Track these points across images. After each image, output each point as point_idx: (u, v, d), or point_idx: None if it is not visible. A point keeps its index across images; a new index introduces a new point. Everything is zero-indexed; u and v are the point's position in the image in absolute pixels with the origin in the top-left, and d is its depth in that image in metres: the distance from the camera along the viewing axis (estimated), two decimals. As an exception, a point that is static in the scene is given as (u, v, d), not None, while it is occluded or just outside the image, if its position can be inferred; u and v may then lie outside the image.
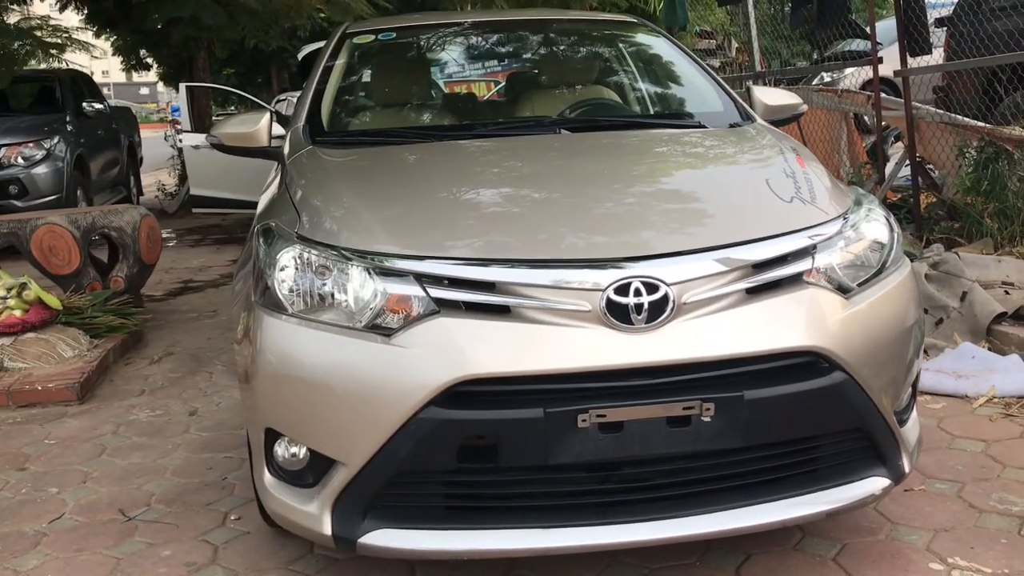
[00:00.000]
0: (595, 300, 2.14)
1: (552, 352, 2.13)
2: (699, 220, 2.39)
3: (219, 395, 4.48)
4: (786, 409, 2.20)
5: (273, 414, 2.36)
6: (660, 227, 2.34)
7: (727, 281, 2.21)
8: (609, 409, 2.12)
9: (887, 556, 2.60)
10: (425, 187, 2.64)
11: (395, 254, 2.27)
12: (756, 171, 2.70)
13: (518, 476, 2.21)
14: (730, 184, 2.65)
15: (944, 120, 5.54)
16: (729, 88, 3.51)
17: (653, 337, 2.14)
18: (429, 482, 2.23)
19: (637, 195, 2.54)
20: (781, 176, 2.62)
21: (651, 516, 2.22)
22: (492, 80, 3.78)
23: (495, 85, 3.76)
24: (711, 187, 2.63)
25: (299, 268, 2.35)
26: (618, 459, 2.18)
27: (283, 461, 2.40)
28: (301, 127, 3.26)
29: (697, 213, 2.43)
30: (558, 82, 3.73)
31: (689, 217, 2.41)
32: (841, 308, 2.29)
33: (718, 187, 2.63)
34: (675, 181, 2.68)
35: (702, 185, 2.64)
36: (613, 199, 2.50)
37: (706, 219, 2.40)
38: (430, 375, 2.12)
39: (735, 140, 3.01)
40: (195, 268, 8.49)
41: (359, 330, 2.25)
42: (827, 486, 2.32)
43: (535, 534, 2.19)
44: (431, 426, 2.13)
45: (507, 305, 2.17)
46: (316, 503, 2.29)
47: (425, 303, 2.20)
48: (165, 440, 3.88)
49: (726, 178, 2.71)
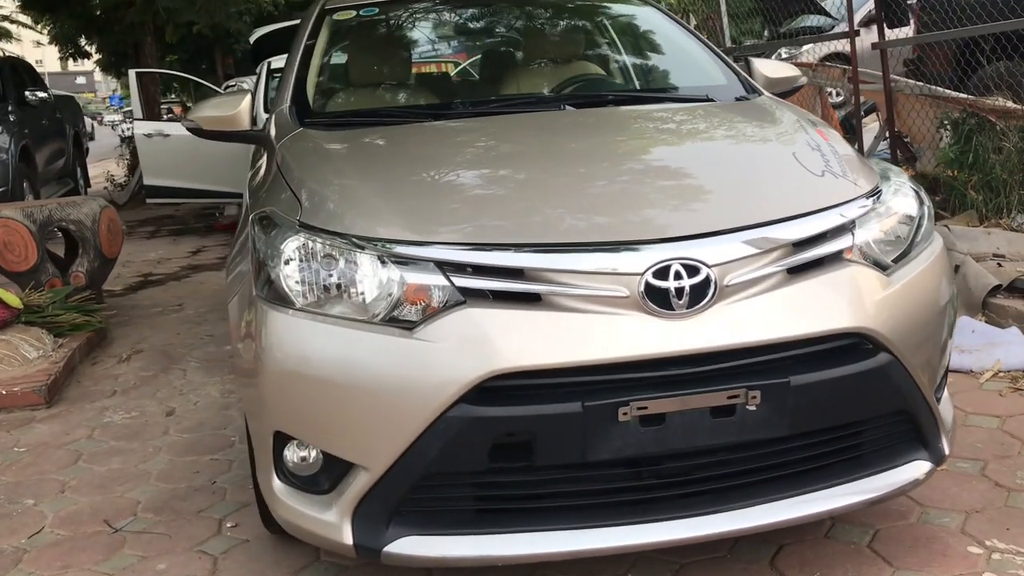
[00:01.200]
0: (633, 285, 2.00)
1: (589, 342, 1.99)
2: (734, 197, 2.26)
3: (195, 393, 4.27)
4: (832, 394, 2.09)
5: (282, 416, 2.19)
6: (695, 206, 2.21)
7: (769, 261, 2.08)
8: (651, 401, 1.98)
9: (922, 541, 2.51)
10: (436, 169, 2.47)
11: (414, 241, 2.10)
12: (782, 145, 2.57)
13: (553, 475, 2.06)
14: (759, 159, 2.52)
15: (924, 92, 5.49)
16: (730, 60, 3.39)
17: (695, 323, 2.01)
18: (457, 484, 2.08)
19: (664, 172, 2.40)
20: (807, 150, 2.50)
21: (692, 512, 2.09)
22: (481, 55, 3.60)
23: (485, 60, 3.57)
24: (740, 162, 2.50)
25: (305, 258, 2.18)
26: (659, 454, 2.05)
27: (293, 466, 2.23)
28: (287, 108, 3.07)
29: (731, 190, 2.30)
30: (552, 56, 3.57)
31: (724, 194, 2.27)
32: (883, 287, 2.18)
33: (747, 162, 2.50)
34: (702, 157, 2.55)
35: (731, 161, 2.51)
36: (640, 177, 2.36)
37: (741, 196, 2.26)
38: (459, 370, 1.97)
39: (751, 114, 2.89)
40: (153, 261, 8.21)
41: (376, 323, 2.09)
42: (870, 473, 2.22)
43: (572, 536, 2.06)
44: (461, 424, 1.98)
45: (538, 293, 2.03)
46: (334, 511, 2.13)
47: (449, 293, 2.05)
48: (144, 443, 3.67)
49: (753, 153, 2.58)
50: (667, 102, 3.00)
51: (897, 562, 2.42)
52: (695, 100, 3.03)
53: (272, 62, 9.80)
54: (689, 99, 3.03)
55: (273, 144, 2.91)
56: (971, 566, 2.38)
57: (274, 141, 2.91)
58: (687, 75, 3.27)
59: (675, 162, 2.50)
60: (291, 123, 2.95)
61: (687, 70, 3.33)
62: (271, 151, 2.94)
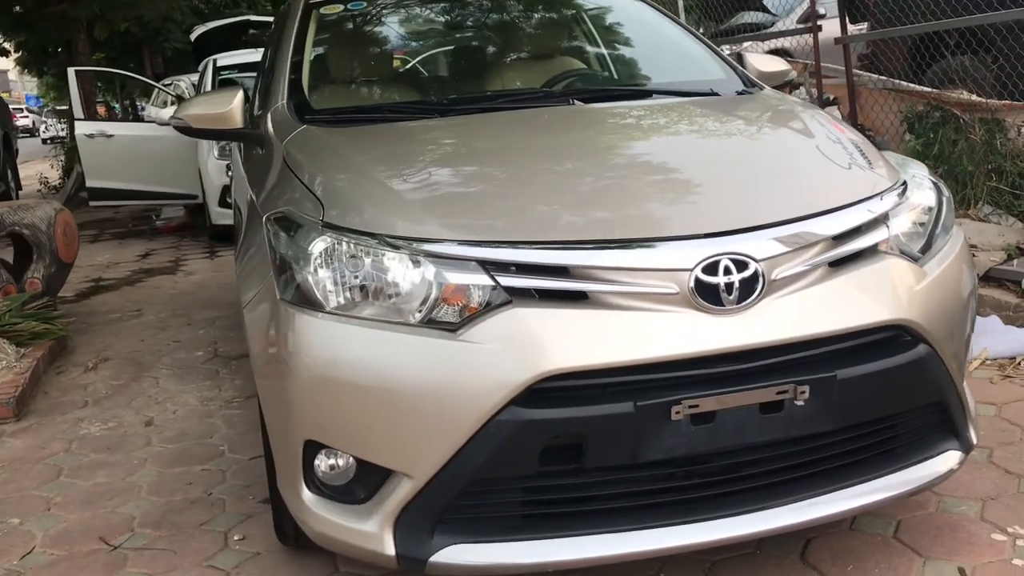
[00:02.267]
0: (682, 281, 1.97)
1: (639, 340, 1.95)
2: (773, 191, 2.24)
3: (172, 402, 4.13)
4: (875, 387, 2.08)
5: (314, 424, 2.10)
6: (736, 200, 2.18)
7: (812, 255, 2.07)
8: (702, 399, 1.95)
9: (946, 530, 2.53)
10: (464, 166, 2.41)
11: (454, 240, 2.04)
12: (805, 139, 2.56)
13: (600, 476, 2.02)
14: (788, 153, 2.50)
15: (888, 86, 5.58)
16: (724, 54, 3.39)
17: (744, 318, 1.99)
18: (504, 489, 2.02)
19: (700, 167, 2.36)
20: (830, 143, 2.49)
21: (738, 510, 2.07)
22: (478, 50, 3.52)
23: (482, 55, 3.50)
24: (771, 156, 2.48)
25: (334, 259, 2.10)
26: (708, 452, 2.02)
27: (325, 476, 2.15)
28: (284, 105, 2.96)
29: (769, 184, 2.27)
30: (550, 51, 3.53)
31: (763, 189, 2.25)
32: (918, 278, 2.19)
33: (778, 156, 2.48)
34: (732, 151, 2.52)
35: (761, 155, 2.49)
36: (677, 172, 2.32)
37: (780, 190, 2.24)
38: (510, 372, 1.91)
39: (763, 108, 2.88)
40: (101, 265, 7.95)
41: (415, 325, 2.02)
42: (906, 465, 2.23)
43: (622, 538, 2.01)
44: (512, 428, 1.92)
45: (584, 291, 1.98)
46: (373, 520, 2.05)
47: (492, 293, 1.99)
48: (127, 455, 3.53)
49: (781, 147, 2.56)
50: (674, 96, 2.97)
51: (926, 552, 2.43)
52: (700, 94, 3.01)
53: (218, 59, 9.59)
54: (694, 93, 3.01)
55: (275, 142, 2.80)
56: (999, 553, 2.40)
57: (276, 139, 2.80)
58: (686, 70, 3.25)
59: (707, 156, 2.47)
60: (292, 120, 2.85)
61: (685, 65, 3.31)
62: (271, 149, 2.83)
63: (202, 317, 5.70)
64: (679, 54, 3.39)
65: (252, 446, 3.50)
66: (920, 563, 2.39)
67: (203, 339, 5.17)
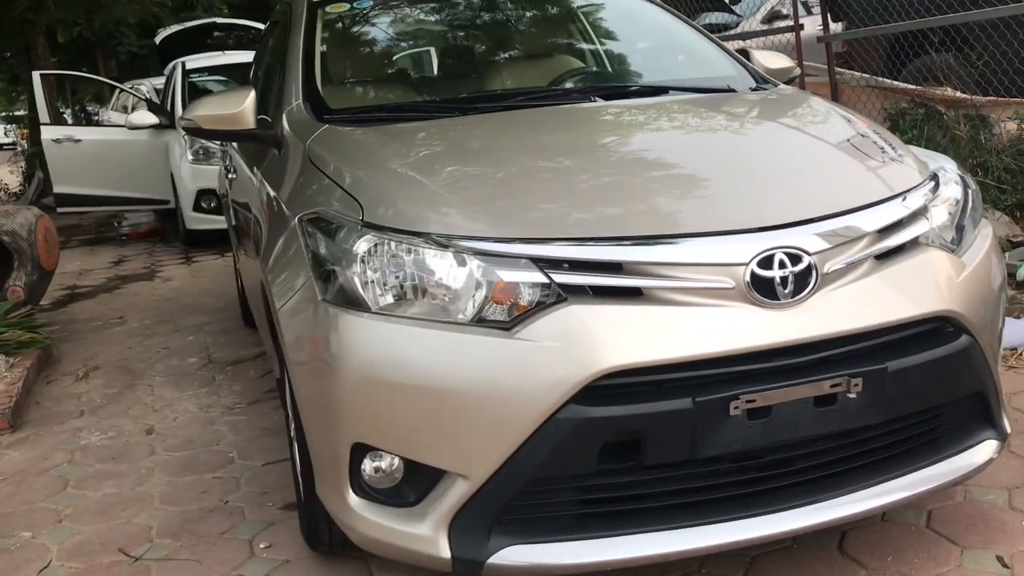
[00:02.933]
0: (738, 275, 1.97)
1: (697, 336, 1.94)
2: (818, 185, 2.24)
3: (171, 410, 4.05)
4: (922, 379, 2.10)
5: (363, 426, 2.07)
6: (784, 194, 2.18)
7: (860, 248, 2.08)
8: (759, 393, 1.95)
9: (978, 519, 2.56)
10: (505, 163, 2.38)
11: (505, 238, 2.01)
12: (837, 134, 2.58)
13: (657, 474, 2.01)
14: (823, 148, 2.51)
15: (871, 84, 5.65)
16: (731, 50, 3.40)
17: (799, 312, 1.99)
18: (561, 488, 2.00)
19: (739, 162, 2.36)
20: (861, 138, 2.51)
21: (793, 504, 2.07)
22: (490, 47, 3.50)
23: (497, 52, 3.47)
24: (807, 151, 2.49)
25: (380, 259, 2.07)
26: (765, 447, 2.02)
27: (372, 479, 2.11)
28: (300, 106, 2.92)
29: (812, 178, 2.28)
30: (564, 48, 3.52)
31: (807, 182, 2.26)
32: (958, 270, 2.21)
33: (814, 151, 2.49)
34: (767, 146, 2.52)
35: (797, 150, 2.49)
36: (718, 167, 2.32)
37: (824, 184, 2.25)
38: (568, 370, 1.90)
39: (783, 104, 2.89)
40: (74, 272, 7.78)
41: (466, 324, 1.99)
42: (948, 455, 2.25)
43: (681, 535, 2.01)
44: (571, 426, 1.90)
45: (639, 287, 1.97)
46: (427, 523, 2.02)
47: (546, 290, 1.97)
48: (134, 465, 3.45)
49: (814, 142, 2.57)
50: (693, 93, 2.97)
51: (962, 541, 2.45)
52: (717, 90, 3.02)
53: (187, 62, 9.45)
54: (712, 89, 3.01)
55: (295, 143, 2.76)
56: (1032, 541, 2.44)
57: (296, 139, 2.76)
58: (699, 67, 3.26)
59: (748, 152, 2.47)
60: (311, 120, 2.81)
61: (697, 62, 3.31)
62: (290, 150, 2.79)
63: (189, 323, 5.60)
64: (690, 51, 3.40)
65: (262, 452, 3.45)
66: (958, 552, 2.41)
67: (194, 345, 5.08)
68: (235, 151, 4.10)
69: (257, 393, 4.16)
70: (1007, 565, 2.34)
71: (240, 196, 3.66)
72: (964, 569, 2.34)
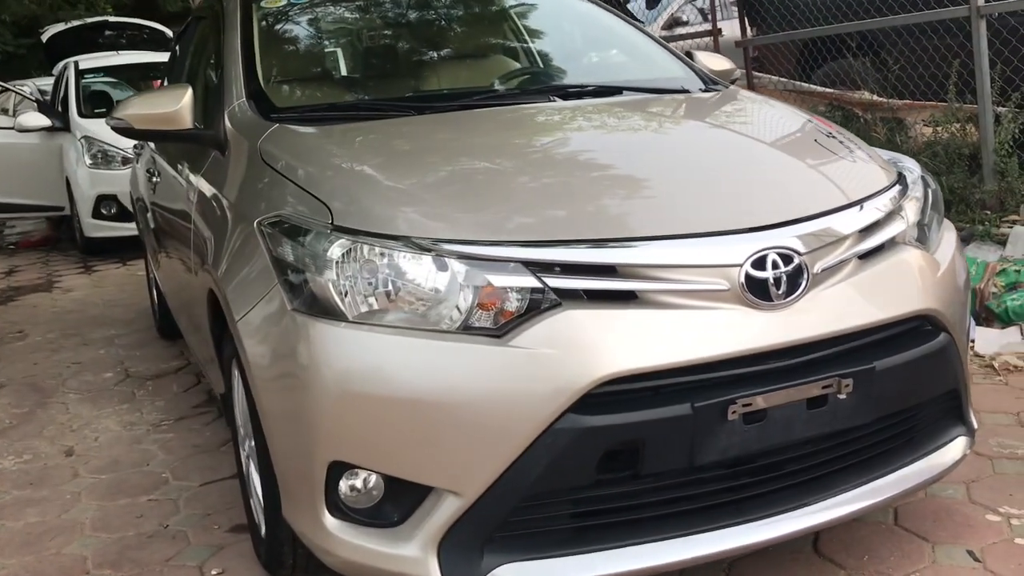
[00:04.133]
0: (732, 276, 1.92)
1: (695, 339, 1.89)
2: (799, 185, 2.22)
3: (90, 429, 3.80)
4: (906, 377, 2.10)
5: (341, 443, 1.94)
6: (770, 194, 2.15)
7: (846, 248, 2.07)
8: (756, 396, 1.91)
9: (943, 514, 2.59)
10: (475, 164, 2.28)
11: (493, 241, 1.92)
12: (802, 134, 2.57)
13: (655, 483, 1.95)
14: (795, 149, 2.49)
15: (789, 88, 5.75)
16: (678, 52, 3.39)
17: (792, 313, 1.96)
18: (556, 502, 1.92)
19: (718, 162, 2.32)
20: (827, 139, 2.51)
21: (787, 507, 2.05)
22: (430, 44, 3.39)
23: (434, 49, 3.37)
24: (780, 152, 2.46)
25: (355, 264, 1.95)
26: (760, 451, 1.98)
27: (349, 498, 1.99)
28: (243, 104, 2.76)
29: (791, 179, 2.26)
30: (503, 48, 3.43)
31: (788, 183, 2.23)
32: (933, 268, 2.22)
33: (786, 152, 2.47)
34: (741, 147, 2.48)
35: (770, 150, 2.47)
36: (700, 167, 2.27)
37: (805, 184, 2.23)
38: (566, 377, 1.82)
39: (743, 105, 2.88)
40: (-38, 285, 7.30)
41: (454, 332, 1.90)
42: (926, 452, 2.26)
43: (678, 544, 1.95)
44: (570, 437, 1.82)
45: (632, 290, 1.90)
46: (414, 544, 1.91)
47: (538, 295, 1.88)
48: (55, 490, 3.22)
49: (785, 143, 2.54)
50: (647, 93, 2.93)
51: (932, 537, 2.47)
52: (671, 91, 2.99)
53: (79, 62, 9.00)
54: (666, 90, 2.98)
55: (240, 143, 2.60)
56: (999, 534, 2.47)
57: (242, 140, 2.60)
58: (651, 67, 3.22)
59: (726, 151, 2.43)
60: (258, 119, 2.65)
61: (644, 63, 3.28)
62: (236, 151, 2.63)
63: (98, 336, 5.30)
64: (639, 53, 3.36)
65: (198, 471, 3.26)
66: (929, 548, 2.43)
67: (107, 359, 4.80)
68: (156, 153, 3.88)
69: (183, 409, 3.94)
70: (978, 559, 2.37)
71: (168, 201, 3.45)
72: (939, 565, 2.36)
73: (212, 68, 3.16)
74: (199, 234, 2.73)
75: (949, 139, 4.93)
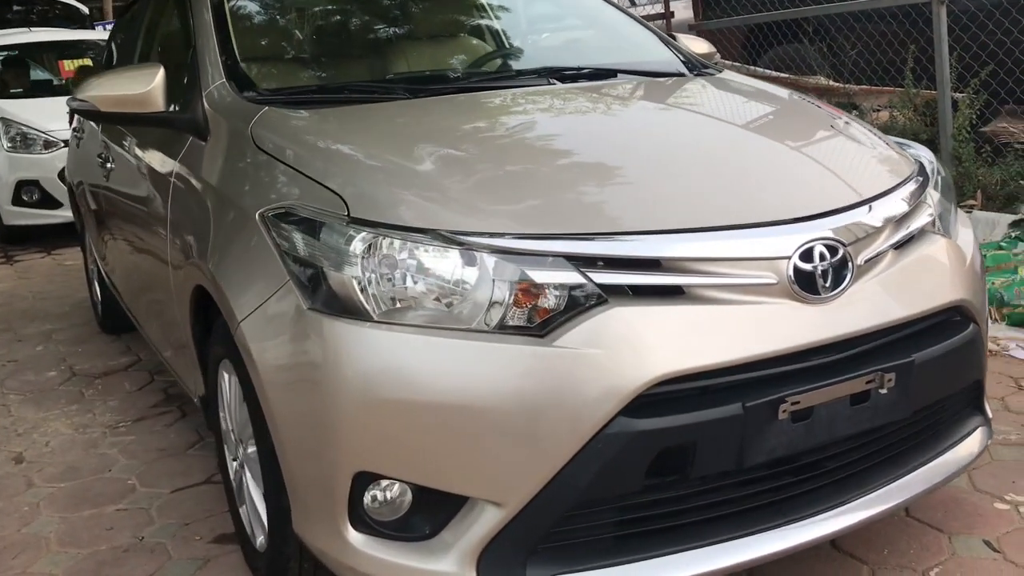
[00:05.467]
0: (781, 269, 1.84)
1: (745, 336, 1.80)
2: (833, 174, 2.14)
3: (38, 432, 3.56)
4: (941, 370, 2.05)
5: (369, 453, 1.80)
6: (809, 183, 2.07)
7: (885, 238, 2.01)
8: (804, 394, 1.84)
9: (952, 504, 2.57)
10: (501, 151, 2.15)
11: (533, 234, 1.80)
12: (822, 122, 2.50)
13: (700, 487, 1.86)
14: (819, 136, 2.41)
15: (747, 72, 5.74)
16: (665, 35, 3.30)
17: (839, 307, 1.89)
18: (602, 510, 1.82)
19: (748, 150, 2.23)
20: (845, 126, 2.45)
21: (827, 506, 1.98)
22: (412, 23, 3.22)
23: (417, 28, 3.21)
24: (806, 140, 2.38)
25: (380, 259, 1.81)
26: (804, 450, 1.91)
27: (374, 510, 1.85)
28: (223, 86, 2.56)
29: (825, 167, 2.18)
30: (488, 28, 3.29)
31: (823, 172, 2.15)
32: (961, 258, 2.18)
33: (812, 140, 2.39)
34: (767, 134, 2.40)
35: (797, 138, 2.37)
36: (729, 155, 2.17)
37: (839, 173, 2.15)
38: (618, 379, 1.71)
39: (749, 90, 2.80)
40: None
41: (490, 332, 1.77)
42: (952, 444, 2.22)
43: (722, 550, 1.86)
44: (622, 441, 1.72)
45: (679, 285, 1.81)
46: (451, 558, 1.79)
47: (582, 291, 1.77)
48: (11, 501, 2.99)
49: (808, 130, 2.46)
50: (646, 76, 2.84)
51: (946, 528, 2.45)
52: (668, 75, 2.90)
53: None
54: (663, 74, 2.89)
55: (227, 128, 2.42)
56: (1011, 522, 2.46)
57: (229, 124, 2.42)
58: (641, 51, 3.12)
59: (752, 139, 2.35)
60: (243, 102, 2.47)
61: (632, 46, 3.18)
62: (219, 136, 2.45)
63: (32, 331, 4.99)
64: (625, 35, 3.26)
65: (167, 477, 3.07)
66: (946, 539, 2.40)
67: (47, 356, 4.51)
68: (107, 137, 3.62)
69: (140, 409, 3.72)
70: (997, 549, 2.35)
71: (129, 188, 3.22)
72: (959, 557, 2.33)
73: (172, 48, 2.94)
74: (179, 226, 2.54)
75: (905, 124, 4.98)
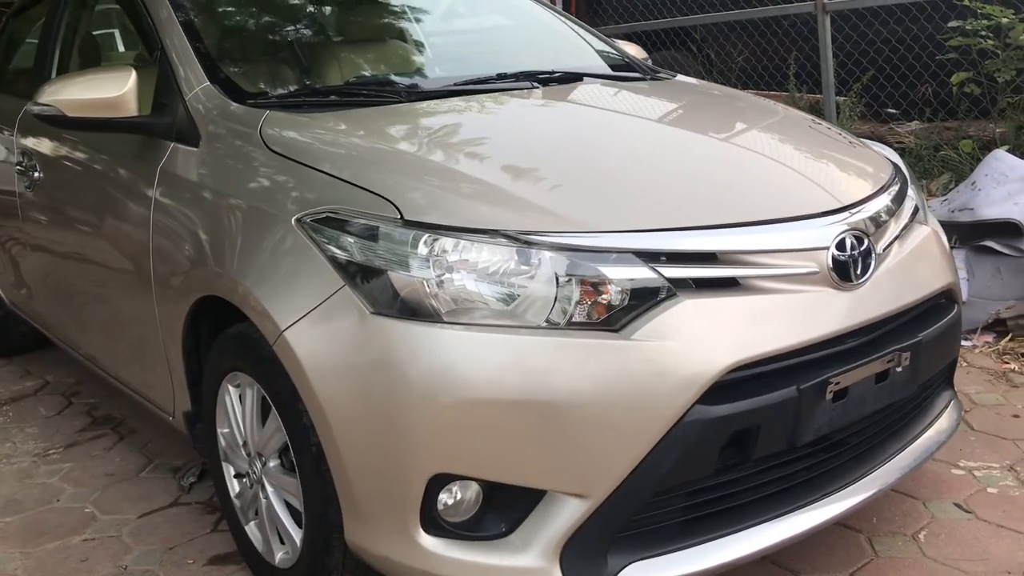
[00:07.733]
0: (821, 259, 1.97)
1: (796, 322, 1.92)
2: (843, 169, 2.30)
3: (-41, 464, 3.27)
4: (938, 348, 2.24)
5: (445, 454, 1.80)
6: (827, 177, 2.21)
7: (893, 227, 2.19)
8: (844, 375, 1.97)
9: (917, 474, 2.75)
10: (548, 152, 2.18)
11: (600, 230, 1.85)
12: (801, 122, 2.66)
13: (755, 468, 1.96)
14: (813, 136, 2.56)
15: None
16: (610, 40, 3.41)
17: (867, 292, 2.04)
18: (676, 495, 1.89)
19: (764, 147, 2.35)
20: (819, 126, 2.62)
21: (852, 479, 2.14)
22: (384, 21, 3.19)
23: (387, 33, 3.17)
24: (805, 140, 2.52)
25: (444, 260, 1.82)
26: (840, 427, 2.05)
27: (447, 511, 1.85)
28: (208, 90, 2.45)
29: (834, 163, 2.33)
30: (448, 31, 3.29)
31: (835, 167, 2.30)
32: (941, 243, 2.39)
33: (809, 139, 2.53)
34: (771, 133, 2.52)
35: (796, 138, 2.52)
36: (754, 152, 2.29)
37: (847, 168, 2.31)
38: (694, 368, 1.79)
39: (719, 93, 2.94)
40: None
41: (563, 328, 1.81)
42: (935, 418, 2.42)
43: (775, 526, 1.99)
44: (700, 429, 1.80)
45: (734, 277, 1.90)
46: (533, 553, 1.81)
47: (649, 285, 1.83)
48: (-44, 540, 2.75)
49: (800, 130, 2.60)
50: (627, 80, 2.93)
51: (920, 495, 2.66)
52: (633, 79, 3.01)
53: None
54: (627, 78, 3.00)
55: (226, 133, 2.33)
56: (971, 485, 2.70)
57: (225, 129, 2.33)
58: (587, 56, 3.22)
59: (761, 137, 2.47)
60: (242, 107, 2.38)
61: (581, 51, 3.27)
62: (218, 142, 2.36)
63: (-92, 358, 4.56)
64: (572, 41, 3.35)
65: (128, 502, 2.91)
66: (921, 505, 2.61)
67: (-65, 384, 4.14)
68: (30, 144, 3.34)
69: (67, 435, 3.48)
70: (967, 510, 2.58)
71: (77, 198, 2.98)
72: (939, 519, 2.54)
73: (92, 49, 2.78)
74: (171, 235, 2.41)
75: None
